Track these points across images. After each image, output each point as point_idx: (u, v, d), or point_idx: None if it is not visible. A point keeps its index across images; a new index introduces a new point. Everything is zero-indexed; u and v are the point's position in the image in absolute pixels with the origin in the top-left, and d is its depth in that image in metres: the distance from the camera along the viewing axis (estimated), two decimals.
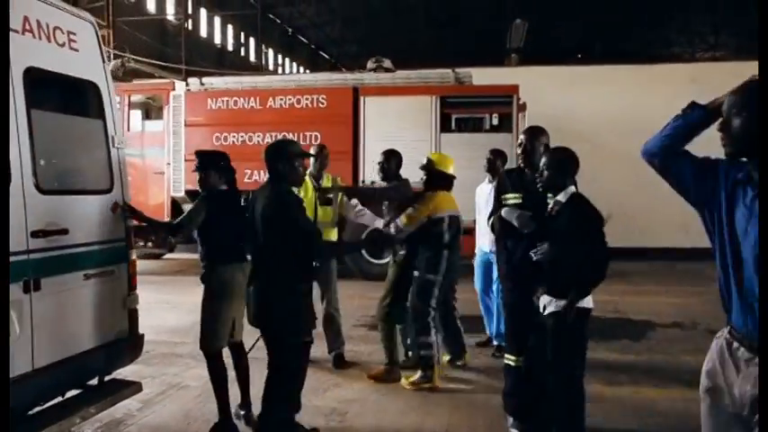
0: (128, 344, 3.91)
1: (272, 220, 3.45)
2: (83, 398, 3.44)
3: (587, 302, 3.49)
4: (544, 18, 28.64)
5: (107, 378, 3.74)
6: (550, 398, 3.56)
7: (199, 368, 5.40)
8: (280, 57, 39.89)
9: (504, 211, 4.02)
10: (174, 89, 11.34)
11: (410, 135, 10.11)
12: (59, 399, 3.41)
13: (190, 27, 27.44)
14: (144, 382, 4.95)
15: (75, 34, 3.62)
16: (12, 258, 3.08)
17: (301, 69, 41.65)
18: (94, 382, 3.67)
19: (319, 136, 10.36)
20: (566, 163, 3.60)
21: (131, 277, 3.96)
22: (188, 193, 11.11)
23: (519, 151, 4.08)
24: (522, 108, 11.46)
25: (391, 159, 5.29)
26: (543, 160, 3.62)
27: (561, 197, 3.55)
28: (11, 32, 3.18)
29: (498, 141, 10.21)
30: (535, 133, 4.06)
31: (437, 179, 5.21)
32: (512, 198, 4.07)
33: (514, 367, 4.10)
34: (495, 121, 10.35)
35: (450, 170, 5.23)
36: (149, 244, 12.37)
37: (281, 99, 10.92)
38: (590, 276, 3.43)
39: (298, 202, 3.60)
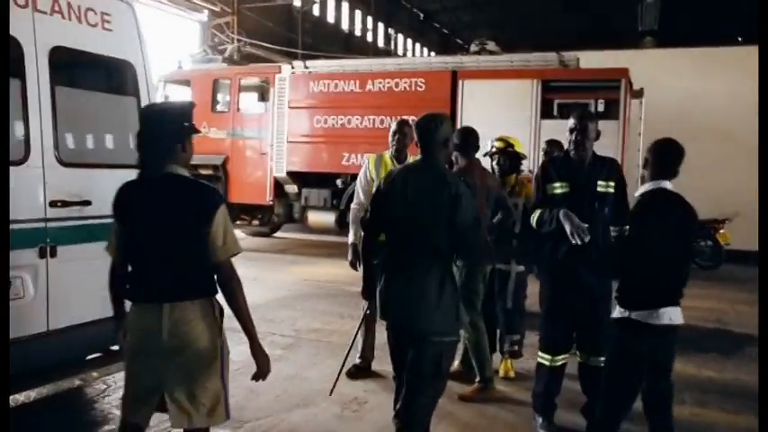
0: None
1: (441, 201, 2.95)
2: (90, 361, 3.62)
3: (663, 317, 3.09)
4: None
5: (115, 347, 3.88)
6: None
7: (246, 345, 5.55)
8: (409, 42, 40.01)
9: (561, 214, 3.62)
10: (280, 72, 11.69)
11: (509, 120, 9.65)
12: None
13: (317, 13, 28.24)
14: None
15: (109, 15, 3.78)
16: (28, 225, 3.31)
17: (432, 54, 41.52)
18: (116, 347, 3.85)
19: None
20: (671, 156, 3.19)
21: None
22: (290, 174, 11.46)
23: (568, 135, 3.71)
24: (638, 94, 10.64)
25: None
26: (647, 151, 3.26)
27: (648, 191, 3.17)
28: (38, 14, 3.38)
29: (604, 129, 9.54)
30: (592, 119, 3.70)
31: (518, 162, 5.07)
32: (558, 187, 3.74)
33: (548, 367, 3.82)
34: (602, 108, 9.63)
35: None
36: (255, 222, 12.97)
37: (380, 82, 10.91)
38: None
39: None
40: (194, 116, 2.73)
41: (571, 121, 3.79)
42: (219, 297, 2.63)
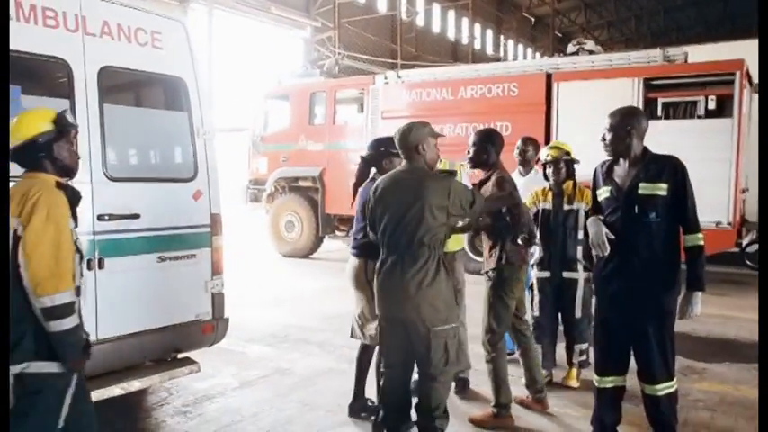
0: (208, 326, 4.10)
1: (431, 200, 3.23)
2: (136, 371, 3.70)
3: None
4: None
5: (180, 356, 3.97)
6: None
7: (319, 357, 5.54)
8: (520, 47, 39.07)
9: (589, 221, 3.43)
10: (373, 83, 11.75)
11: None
12: None
13: (422, 23, 28.22)
14: (259, 363, 5.29)
15: (159, 34, 3.89)
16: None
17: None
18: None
19: (510, 126, 9.95)
20: None
21: (215, 262, 4.15)
22: None
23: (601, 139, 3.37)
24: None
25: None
26: None
27: None
28: (88, 36, 3.54)
29: (715, 128, 8.73)
30: (621, 116, 3.32)
31: (573, 169, 4.81)
32: (603, 192, 3.42)
33: (597, 388, 3.46)
34: (712, 105, 8.78)
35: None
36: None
37: (473, 89, 10.66)
38: None
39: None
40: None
41: (606, 121, 3.42)
42: None
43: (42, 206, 2.47)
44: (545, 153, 4.79)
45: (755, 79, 9.40)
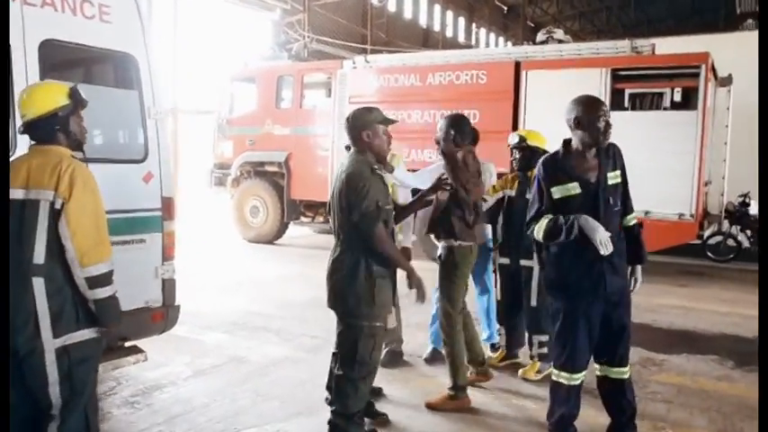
0: (158, 313, 3.95)
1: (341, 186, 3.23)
2: None
3: None
4: None
5: (128, 344, 3.81)
6: None
7: (277, 345, 5.42)
8: (492, 36, 39.02)
9: (583, 221, 3.15)
10: (341, 68, 11.56)
11: None
12: None
13: (393, 9, 27.92)
14: (214, 352, 5.15)
15: (108, 7, 3.69)
16: None
17: None
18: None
19: (478, 113, 9.87)
20: None
21: (166, 247, 3.99)
22: None
23: (597, 124, 3.20)
24: (726, 81, 9.72)
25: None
26: None
27: None
28: (27, 7, 3.33)
29: (681, 120, 8.77)
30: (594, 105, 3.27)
31: (533, 156, 4.63)
32: (571, 188, 3.25)
33: (566, 386, 3.34)
34: (678, 97, 8.82)
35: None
36: (319, 219, 12.89)
37: (441, 76, 10.56)
38: None
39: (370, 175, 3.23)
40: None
41: (597, 109, 3.28)
42: None
43: (78, 178, 2.52)
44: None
45: (720, 73, 9.50)
